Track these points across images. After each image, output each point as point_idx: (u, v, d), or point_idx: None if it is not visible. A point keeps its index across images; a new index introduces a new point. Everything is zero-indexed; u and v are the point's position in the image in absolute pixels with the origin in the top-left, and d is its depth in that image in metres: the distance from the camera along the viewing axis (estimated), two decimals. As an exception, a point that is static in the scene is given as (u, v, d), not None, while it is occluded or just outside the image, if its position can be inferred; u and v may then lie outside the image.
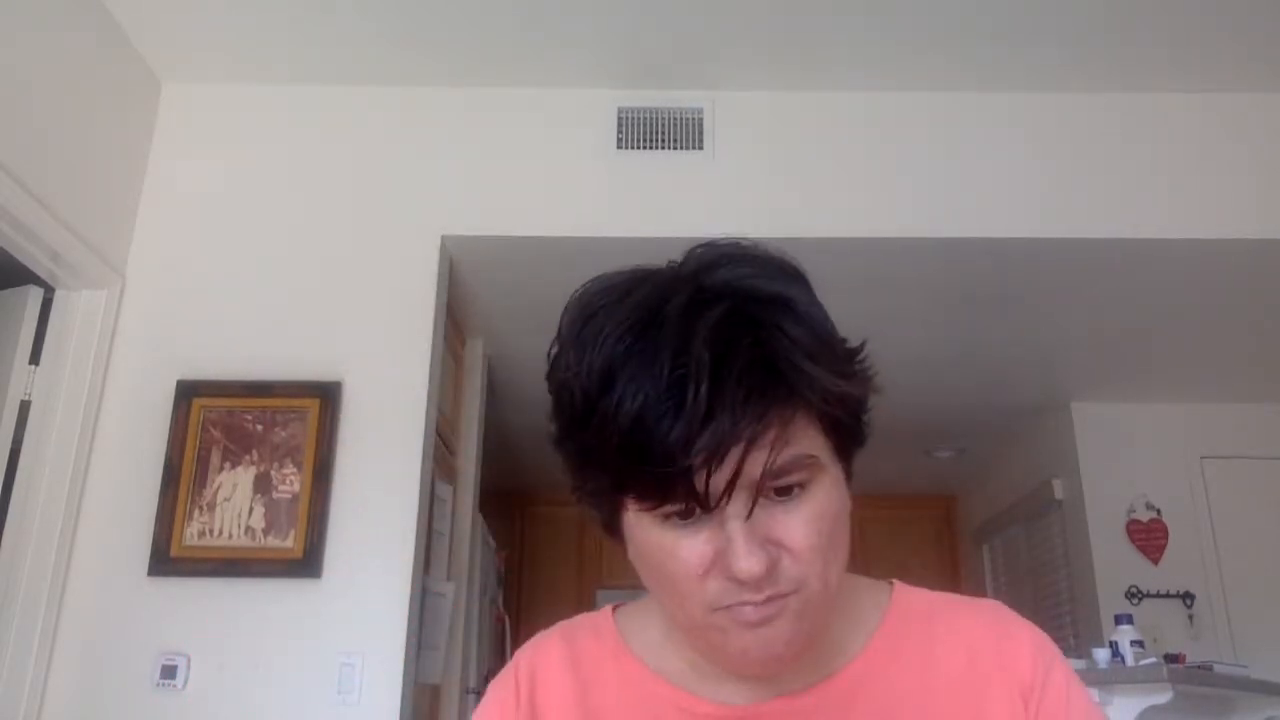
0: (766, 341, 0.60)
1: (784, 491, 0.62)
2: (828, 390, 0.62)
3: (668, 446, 0.58)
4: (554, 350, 0.68)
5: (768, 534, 0.62)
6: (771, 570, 0.62)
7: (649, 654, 0.76)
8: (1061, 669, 0.71)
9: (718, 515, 0.61)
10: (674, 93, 3.05)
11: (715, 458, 0.59)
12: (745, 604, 0.63)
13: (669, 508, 0.62)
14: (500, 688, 0.80)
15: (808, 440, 0.63)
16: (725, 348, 0.59)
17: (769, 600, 0.62)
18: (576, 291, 0.69)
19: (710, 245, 0.69)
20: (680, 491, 0.60)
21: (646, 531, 0.65)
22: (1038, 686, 0.70)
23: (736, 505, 0.61)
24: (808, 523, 0.63)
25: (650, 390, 0.59)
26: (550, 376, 0.68)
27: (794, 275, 0.67)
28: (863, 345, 0.68)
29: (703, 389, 0.58)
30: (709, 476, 0.59)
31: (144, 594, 2.54)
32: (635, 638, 0.78)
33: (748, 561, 0.61)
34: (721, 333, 0.60)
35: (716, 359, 0.59)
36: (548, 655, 0.80)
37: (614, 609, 0.83)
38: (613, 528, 0.69)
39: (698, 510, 0.61)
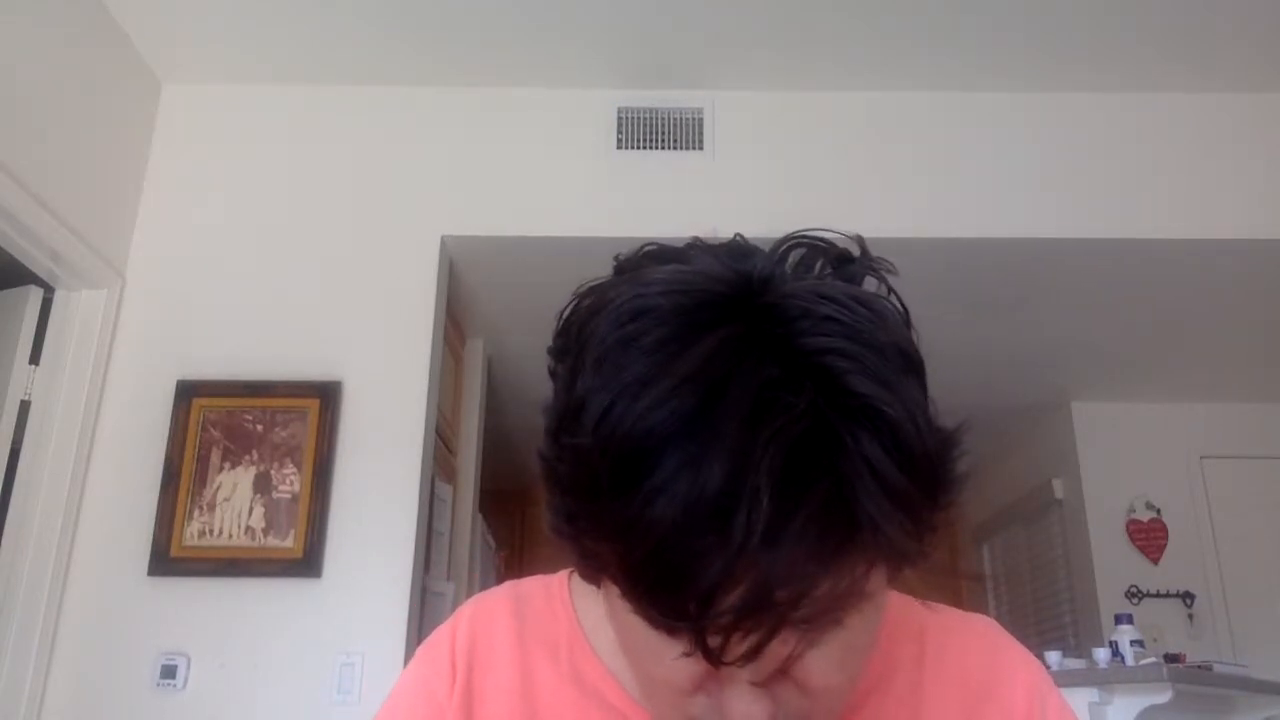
0: (848, 479, 0.45)
1: None
2: (908, 552, 0.48)
3: (690, 589, 0.45)
4: (566, 327, 0.55)
5: (781, 667, 0.49)
6: (776, 715, 0.51)
7: (605, 648, 0.66)
8: (1056, 703, 0.68)
9: None
10: (674, 93, 3.05)
11: (741, 625, 0.46)
12: None
13: (664, 634, 0.49)
14: (429, 663, 0.68)
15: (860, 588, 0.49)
16: (794, 482, 0.44)
17: None
18: (619, 275, 0.55)
19: (803, 259, 0.55)
20: (685, 638, 0.47)
21: (630, 616, 0.50)
22: None
23: (750, 670, 0.49)
24: (833, 659, 0.50)
25: (691, 499, 0.44)
26: (560, 354, 0.55)
27: (908, 362, 0.52)
28: (960, 434, 0.51)
29: (754, 536, 0.44)
30: (725, 642, 0.47)
31: (144, 594, 2.54)
32: (590, 620, 0.68)
33: (748, 710, 0.50)
34: (795, 458, 0.45)
35: (779, 497, 0.44)
36: (491, 624, 0.68)
37: (569, 576, 0.70)
38: (589, 576, 0.56)
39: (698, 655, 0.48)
